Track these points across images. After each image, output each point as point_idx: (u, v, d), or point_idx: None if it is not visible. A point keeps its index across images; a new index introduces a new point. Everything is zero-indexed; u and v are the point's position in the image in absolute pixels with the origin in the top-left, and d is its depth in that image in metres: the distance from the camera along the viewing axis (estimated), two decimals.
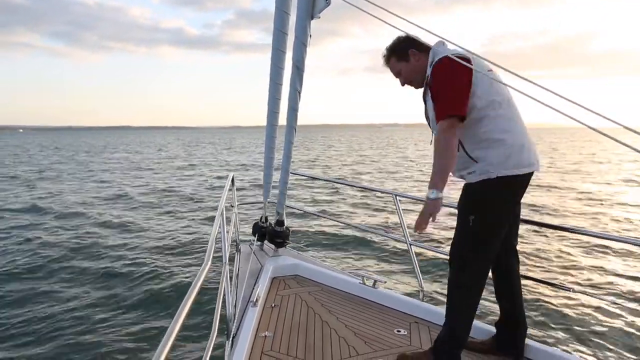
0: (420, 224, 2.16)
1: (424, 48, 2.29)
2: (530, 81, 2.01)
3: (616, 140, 1.48)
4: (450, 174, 2.32)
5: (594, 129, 1.60)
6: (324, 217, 8.87)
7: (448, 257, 2.36)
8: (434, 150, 2.13)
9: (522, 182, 2.18)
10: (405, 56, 2.35)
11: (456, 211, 2.33)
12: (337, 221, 9.77)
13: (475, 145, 2.15)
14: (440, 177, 2.13)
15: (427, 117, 2.37)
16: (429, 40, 2.23)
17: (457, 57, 2.06)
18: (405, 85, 2.41)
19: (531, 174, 2.20)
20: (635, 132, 1.50)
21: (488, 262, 2.26)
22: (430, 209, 2.14)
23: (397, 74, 2.42)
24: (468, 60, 2.10)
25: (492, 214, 2.18)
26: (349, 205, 13.29)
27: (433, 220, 2.14)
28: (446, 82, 2.11)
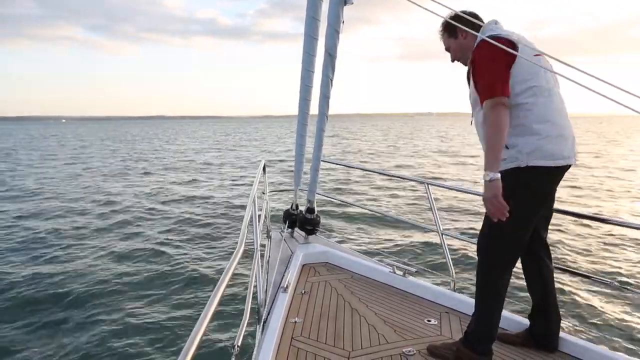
0: (494, 213, 2.04)
1: (474, 27, 2.23)
2: (577, 69, 1.93)
3: None
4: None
5: None
6: (355, 205, 8.86)
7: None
8: (485, 131, 2.08)
9: (555, 174, 2.11)
10: (454, 33, 2.34)
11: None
12: (368, 209, 9.73)
13: (509, 130, 2.08)
14: (493, 157, 2.02)
15: (470, 97, 2.35)
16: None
17: (497, 39, 2.01)
18: (455, 61, 2.41)
19: (567, 167, 2.12)
20: None
21: (516, 254, 2.22)
22: (490, 192, 2.02)
23: (447, 49, 2.42)
24: (511, 43, 2.04)
25: (520, 204, 2.09)
26: (380, 194, 13.22)
27: (499, 202, 2.00)
28: (485, 64, 2.08)
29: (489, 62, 2.06)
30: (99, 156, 28.78)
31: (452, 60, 2.42)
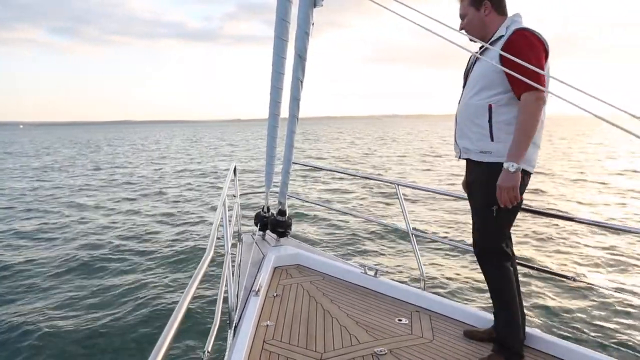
0: (507, 202, 2.07)
1: (499, 9, 2.25)
2: (539, 71, 1.99)
3: (623, 129, 1.47)
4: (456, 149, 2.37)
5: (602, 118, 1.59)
6: (326, 207, 8.90)
7: (474, 252, 2.34)
8: (521, 120, 2.03)
9: (527, 180, 2.19)
10: (478, 4, 2.26)
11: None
12: (339, 211, 9.78)
13: (503, 125, 2.11)
14: (524, 148, 2.04)
15: (465, 76, 2.34)
16: (430, 26, 2.17)
17: (536, 35, 2.07)
18: (462, 30, 2.31)
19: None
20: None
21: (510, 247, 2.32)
22: (513, 182, 2.04)
23: (462, 16, 2.33)
24: (545, 44, 2.10)
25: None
26: (351, 195, 13.30)
27: (517, 193, 2.05)
28: (531, 53, 2.03)
29: (536, 53, 2.04)
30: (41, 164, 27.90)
31: (461, 29, 2.32)
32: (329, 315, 2.75)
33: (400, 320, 2.70)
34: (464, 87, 2.37)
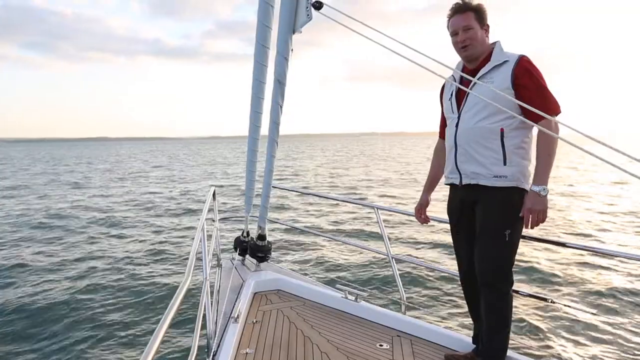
0: (536, 223, 2.10)
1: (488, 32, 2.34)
2: (499, 92, 2.07)
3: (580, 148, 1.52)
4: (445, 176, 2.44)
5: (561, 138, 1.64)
6: (306, 231, 8.86)
7: (484, 279, 2.29)
8: (547, 144, 2.08)
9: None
10: (483, 22, 2.29)
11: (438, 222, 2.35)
12: (320, 235, 9.74)
13: (515, 149, 2.16)
14: (549, 171, 2.11)
15: (457, 100, 2.35)
16: (404, 52, 2.19)
17: None
18: (460, 45, 2.28)
19: None
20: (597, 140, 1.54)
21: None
22: (545, 204, 2.08)
23: (464, 29, 2.26)
24: None
25: (521, 224, 2.20)
26: (331, 219, 13.28)
27: (545, 216, 2.09)
28: (543, 79, 2.13)
29: (544, 80, 2.14)
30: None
31: (461, 41, 2.27)
32: (309, 341, 2.71)
33: (381, 345, 2.68)
34: (458, 108, 2.34)
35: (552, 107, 2.08)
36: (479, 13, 2.27)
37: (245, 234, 3.99)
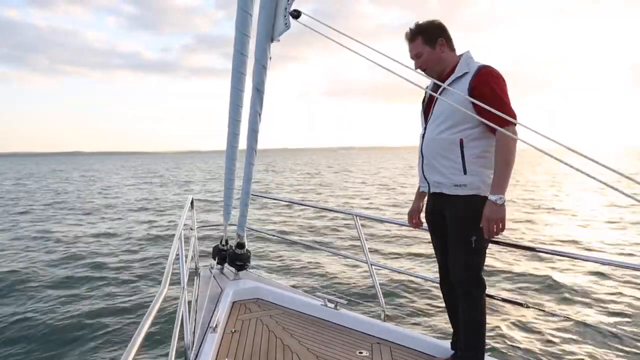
0: (496, 233, 2.12)
1: (450, 44, 2.33)
2: (477, 103, 2.11)
3: (556, 159, 1.57)
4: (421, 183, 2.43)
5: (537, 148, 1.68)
6: (285, 239, 8.83)
7: (457, 286, 2.32)
8: (503, 154, 2.11)
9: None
10: (433, 42, 2.30)
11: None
12: (299, 243, 9.73)
13: (475, 158, 2.18)
14: (507, 180, 2.12)
15: (424, 112, 2.40)
16: (381, 62, 2.23)
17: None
18: (418, 70, 2.35)
19: None
20: (575, 151, 1.59)
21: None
22: (502, 213, 2.10)
23: (416, 56, 2.35)
24: None
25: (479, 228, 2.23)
26: (310, 227, 13.28)
27: (503, 225, 2.10)
28: (504, 88, 2.15)
29: (504, 89, 2.15)
30: None
31: (416, 68, 2.35)
32: (289, 350, 2.70)
33: (360, 352, 2.68)
34: (425, 122, 2.40)
35: (511, 115, 2.07)
36: (426, 35, 2.31)
37: (224, 242, 3.96)
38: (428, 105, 2.42)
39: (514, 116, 2.06)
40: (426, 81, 2.45)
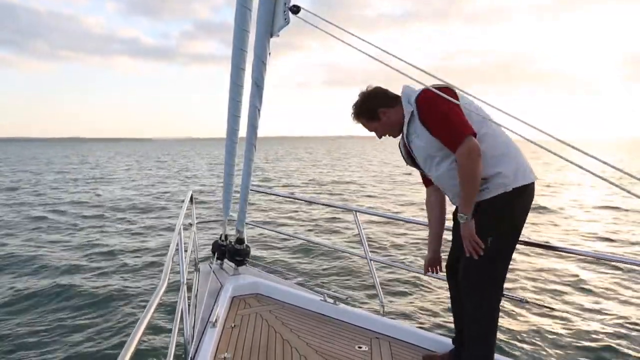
0: (473, 249, 2.15)
1: (392, 100, 2.30)
2: (474, 97, 2.11)
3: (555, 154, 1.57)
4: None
5: (532, 142, 1.69)
6: (285, 234, 8.84)
7: (465, 287, 2.28)
8: (461, 175, 2.10)
9: (533, 190, 2.21)
10: (374, 116, 2.33)
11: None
12: (298, 238, 9.74)
13: (484, 164, 2.11)
14: (471, 204, 2.12)
15: (411, 159, 2.39)
16: (383, 57, 2.20)
17: (430, 91, 2.13)
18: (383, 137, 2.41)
19: (534, 183, 2.23)
20: (570, 145, 1.59)
21: (503, 282, 2.27)
22: (471, 230, 2.14)
23: (371, 130, 2.40)
24: (446, 89, 2.15)
25: (509, 229, 2.19)
26: (309, 222, 13.29)
27: (475, 241, 2.14)
28: (442, 108, 2.11)
29: (443, 104, 2.10)
30: None
31: (380, 137, 2.40)
32: (288, 344, 2.71)
33: (360, 347, 2.70)
34: (415, 164, 2.41)
35: (456, 137, 2.07)
36: (366, 114, 2.33)
37: (223, 238, 3.97)
38: (408, 154, 2.42)
39: (461, 132, 2.05)
40: (425, 76, 2.41)
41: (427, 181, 2.56)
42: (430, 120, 2.14)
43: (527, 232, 11.22)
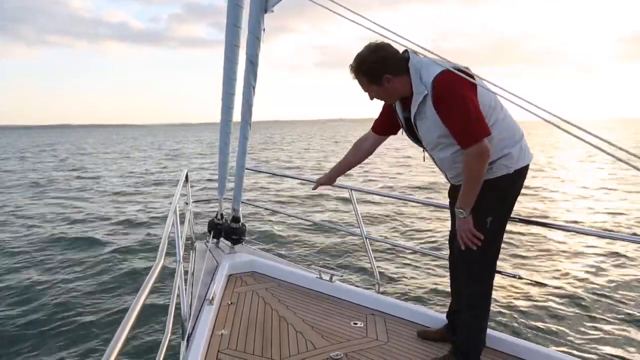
0: (468, 241, 2.16)
1: (401, 68, 2.12)
2: (472, 76, 2.07)
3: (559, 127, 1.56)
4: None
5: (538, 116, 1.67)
6: (280, 213, 8.87)
7: (462, 264, 2.29)
8: (467, 172, 2.06)
9: (527, 169, 2.22)
10: (377, 81, 2.14)
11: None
12: (294, 216, 9.77)
13: (493, 148, 2.05)
14: (472, 201, 2.10)
15: (412, 135, 2.29)
16: (379, 37, 2.08)
17: (452, 73, 1.97)
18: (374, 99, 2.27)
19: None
20: (570, 123, 1.58)
21: (497, 259, 2.29)
22: (468, 225, 2.14)
23: (366, 91, 2.23)
24: (465, 72, 1.97)
25: (507, 209, 2.22)
26: (305, 200, 13.31)
27: (473, 234, 2.14)
28: (463, 101, 1.98)
29: (466, 97, 1.98)
30: None
31: (372, 99, 2.25)
32: (284, 321, 2.74)
33: (355, 323, 2.73)
34: (418, 143, 2.30)
35: (471, 136, 1.99)
36: (369, 76, 2.14)
37: (219, 217, 3.97)
38: (408, 124, 2.29)
39: (477, 134, 1.98)
40: (428, 54, 2.30)
41: (377, 129, 2.53)
42: (445, 109, 2.02)
43: (516, 209, 11.32)
